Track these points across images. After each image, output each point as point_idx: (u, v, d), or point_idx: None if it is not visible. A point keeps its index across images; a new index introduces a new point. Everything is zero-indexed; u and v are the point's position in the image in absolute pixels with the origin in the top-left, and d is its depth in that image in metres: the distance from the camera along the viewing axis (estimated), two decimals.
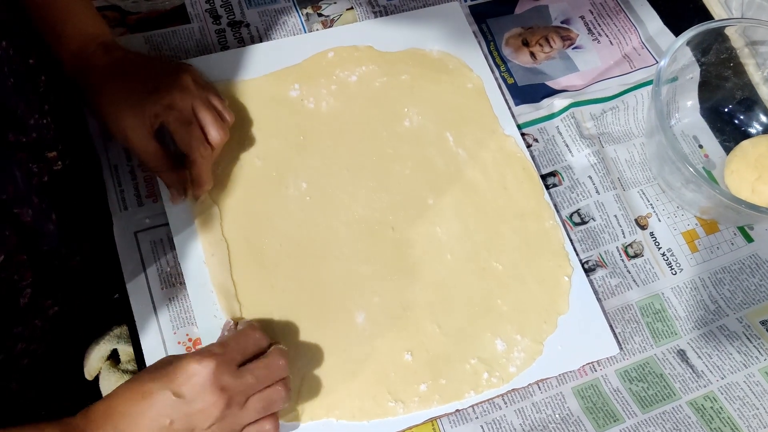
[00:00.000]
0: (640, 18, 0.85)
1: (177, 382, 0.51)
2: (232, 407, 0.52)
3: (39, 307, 0.59)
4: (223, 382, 0.51)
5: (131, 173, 0.68)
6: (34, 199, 0.55)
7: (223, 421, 0.52)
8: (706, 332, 0.69)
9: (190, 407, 0.50)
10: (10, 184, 0.52)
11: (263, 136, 0.71)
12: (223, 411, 0.51)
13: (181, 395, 0.50)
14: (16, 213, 0.53)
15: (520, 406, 0.64)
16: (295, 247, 0.66)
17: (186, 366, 0.51)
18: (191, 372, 0.51)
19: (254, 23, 0.79)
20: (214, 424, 0.51)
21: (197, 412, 0.51)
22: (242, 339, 0.56)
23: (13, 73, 0.53)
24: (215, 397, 0.51)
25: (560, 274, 0.69)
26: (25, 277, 0.55)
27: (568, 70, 0.81)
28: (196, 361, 0.51)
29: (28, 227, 0.55)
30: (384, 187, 0.71)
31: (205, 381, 0.51)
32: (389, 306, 0.65)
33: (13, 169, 0.53)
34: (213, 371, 0.51)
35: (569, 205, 0.73)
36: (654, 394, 0.65)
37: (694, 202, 0.72)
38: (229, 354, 0.53)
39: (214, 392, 0.51)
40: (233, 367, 0.53)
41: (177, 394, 0.50)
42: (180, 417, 0.50)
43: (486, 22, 0.83)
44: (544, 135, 0.77)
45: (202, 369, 0.51)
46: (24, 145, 0.54)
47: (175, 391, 0.50)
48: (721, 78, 0.80)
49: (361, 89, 0.75)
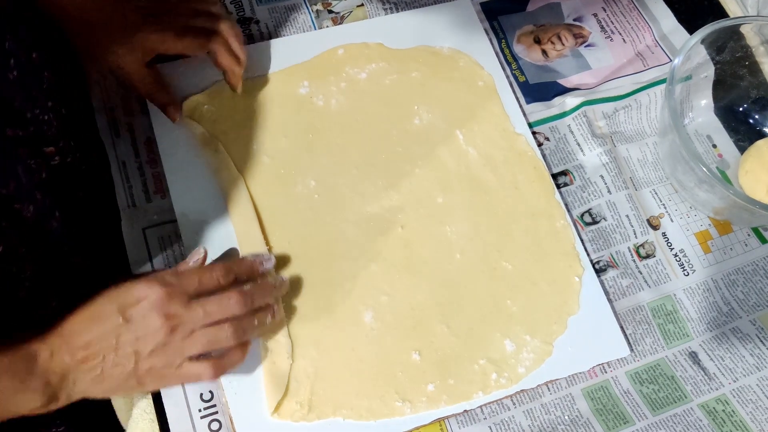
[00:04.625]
0: (653, 15, 0.84)
1: (125, 305, 0.53)
2: (175, 335, 0.53)
3: (39, 301, 0.59)
4: (170, 309, 0.53)
5: (139, 169, 0.68)
6: (38, 195, 0.55)
7: (165, 348, 0.53)
8: (719, 334, 0.68)
9: (135, 331, 0.52)
10: (12, 180, 0.52)
11: (272, 133, 0.71)
12: (165, 337, 0.53)
13: (127, 318, 0.52)
14: (17, 209, 0.54)
15: (529, 407, 0.63)
16: (303, 245, 0.66)
17: (135, 290, 0.53)
18: (139, 296, 0.53)
19: (264, 20, 0.78)
20: (156, 349, 0.53)
21: (141, 336, 0.52)
22: (202, 274, 0.56)
23: (18, 66, 0.53)
24: (159, 323, 0.53)
25: (571, 274, 0.68)
26: (25, 269, 0.55)
27: (580, 68, 0.81)
28: (146, 285, 0.53)
29: (29, 224, 0.55)
30: (393, 185, 0.70)
31: (152, 306, 0.53)
32: (398, 305, 0.65)
33: (15, 164, 0.53)
34: (161, 297, 0.53)
35: (580, 205, 0.73)
36: (665, 397, 0.65)
37: (708, 203, 0.72)
38: (182, 285, 0.55)
39: (159, 318, 0.53)
40: (184, 297, 0.54)
41: (125, 317, 0.52)
42: (125, 339, 0.52)
43: (497, 20, 0.83)
44: (555, 134, 0.76)
45: (151, 294, 0.53)
46: (22, 139, 0.54)
47: (123, 314, 0.52)
48: (736, 77, 0.79)
49: (371, 87, 0.75)
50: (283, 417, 0.59)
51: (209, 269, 0.57)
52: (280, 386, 0.60)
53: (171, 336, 0.53)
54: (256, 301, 0.58)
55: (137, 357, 0.53)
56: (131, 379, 0.54)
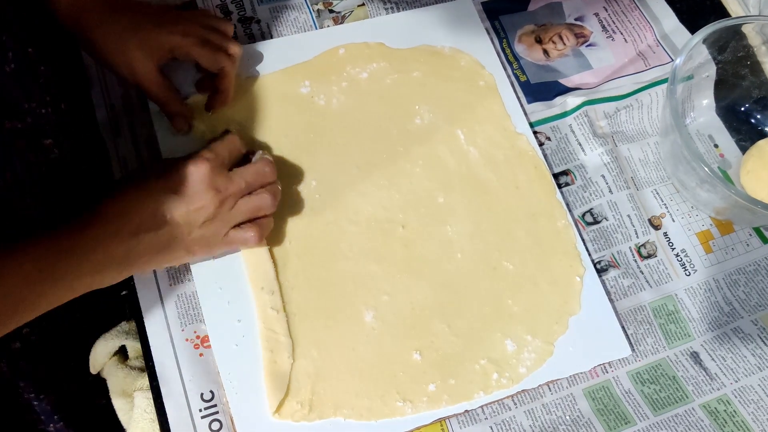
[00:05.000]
0: (655, 15, 0.84)
1: (176, 182, 0.57)
2: (224, 206, 0.58)
3: None
4: (216, 183, 0.58)
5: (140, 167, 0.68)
6: (35, 189, 0.56)
7: (215, 219, 0.58)
8: (720, 334, 0.68)
9: (189, 205, 0.57)
10: (8, 171, 0.52)
11: (273, 133, 0.71)
12: (216, 209, 0.58)
13: (180, 194, 0.57)
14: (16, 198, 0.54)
15: (530, 407, 0.63)
16: (304, 245, 0.66)
17: (183, 169, 0.57)
18: (188, 173, 0.57)
19: (265, 19, 0.78)
20: (207, 220, 0.58)
21: (195, 209, 0.57)
22: (228, 145, 0.61)
23: (14, 60, 0.53)
24: (210, 195, 0.57)
25: (572, 274, 0.68)
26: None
27: (581, 68, 0.80)
28: (192, 164, 0.57)
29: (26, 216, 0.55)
30: (394, 185, 0.70)
31: (201, 181, 0.57)
32: (398, 305, 0.65)
33: (12, 156, 0.53)
34: (208, 173, 0.57)
35: (582, 205, 0.73)
36: (666, 397, 0.65)
37: (709, 203, 0.71)
38: (219, 158, 0.59)
39: (209, 191, 0.57)
40: (224, 170, 0.59)
41: (177, 192, 0.57)
42: (179, 213, 0.57)
43: (499, 19, 0.82)
44: (556, 133, 0.76)
45: (197, 171, 0.57)
46: (20, 131, 0.54)
47: (174, 190, 0.57)
48: (738, 76, 0.79)
49: (372, 86, 0.75)
50: (284, 417, 0.59)
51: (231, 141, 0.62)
52: (281, 386, 0.60)
53: (220, 208, 0.58)
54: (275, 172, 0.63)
55: (190, 228, 0.57)
56: (181, 248, 0.58)
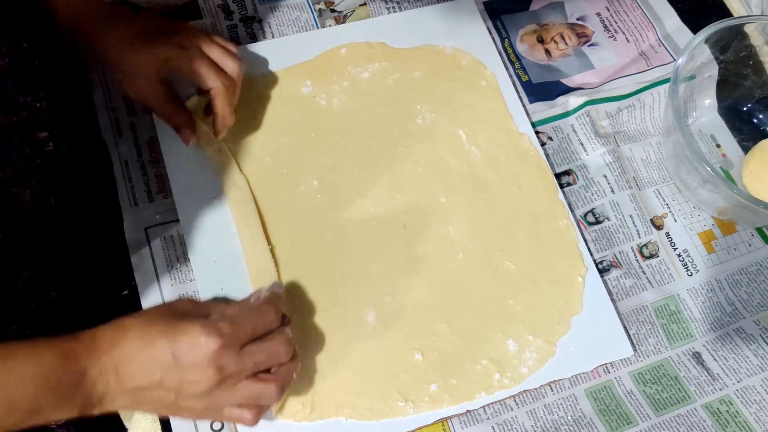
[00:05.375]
0: (657, 15, 0.84)
1: (178, 344, 0.51)
2: (222, 387, 0.52)
3: (36, 291, 0.59)
4: (222, 362, 0.51)
5: (142, 169, 0.68)
6: (33, 181, 0.56)
7: (208, 396, 0.52)
8: (722, 335, 0.68)
9: (184, 374, 0.51)
10: (7, 164, 0.52)
11: (274, 133, 0.71)
12: (212, 387, 0.51)
13: (179, 360, 0.50)
14: (15, 192, 0.54)
15: (532, 407, 0.63)
16: (306, 245, 0.66)
17: (194, 335, 0.51)
18: (197, 342, 0.51)
19: (266, 19, 0.78)
20: (199, 395, 0.52)
21: (189, 380, 0.51)
22: (256, 318, 0.55)
23: (8, 54, 0.53)
24: (210, 374, 0.51)
25: (574, 274, 0.68)
26: (22, 258, 0.55)
27: (583, 68, 0.80)
28: (205, 333, 0.51)
29: (27, 208, 0.55)
30: (396, 185, 0.70)
31: (206, 356, 0.51)
32: (400, 305, 0.65)
33: (9, 149, 0.53)
34: (217, 349, 0.51)
35: (583, 205, 0.73)
36: (668, 397, 0.64)
37: (711, 203, 0.71)
38: (237, 335, 0.53)
39: (211, 368, 0.51)
40: (237, 348, 0.52)
41: (176, 358, 0.50)
42: (171, 378, 0.51)
43: (500, 19, 0.82)
44: (558, 133, 0.76)
45: (207, 343, 0.51)
46: (15, 125, 0.54)
47: (175, 356, 0.50)
48: (740, 76, 0.78)
49: (374, 86, 0.75)
50: (286, 417, 0.59)
51: (263, 315, 0.55)
52: None
53: (217, 387, 0.52)
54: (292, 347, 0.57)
55: (178, 396, 0.52)
56: (168, 409, 0.53)
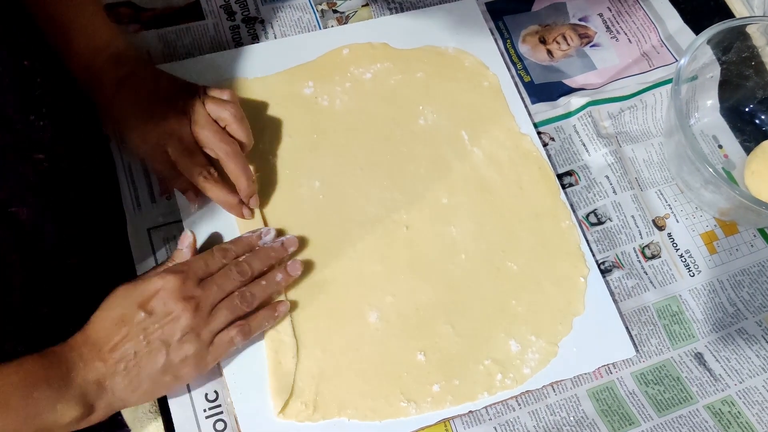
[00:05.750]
0: (659, 16, 0.84)
1: (144, 299, 0.55)
2: (198, 315, 0.55)
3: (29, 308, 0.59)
4: (186, 292, 0.55)
5: (145, 171, 0.68)
6: (30, 198, 0.56)
7: (194, 331, 0.55)
8: (725, 335, 0.68)
9: (160, 320, 0.54)
10: (5, 184, 0.53)
11: (276, 133, 0.71)
12: (190, 320, 0.55)
13: (150, 311, 0.54)
14: (13, 212, 0.54)
15: (534, 407, 0.63)
16: (308, 246, 0.66)
17: (150, 284, 0.55)
18: (155, 287, 0.55)
19: (269, 20, 0.78)
20: (186, 333, 0.55)
21: (167, 323, 0.54)
22: (206, 258, 0.59)
23: (9, 73, 0.53)
24: (181, 306, 0.55)
25: (576, 274, 0.68)
26: (16, 276, 0.55)
27: (585, 68, 0.80)
28: (158, 277, 0.55)
29: (26, 226, 0.55)
30: (398, 185, 0.70)
31: (170, 293, 0.55)
32: (402, 305, 0.65)
33: (7, 169, 0.53)
34: (176, 284, 0.55)
35: (586, 205, 0.73)
36: (670, 398, 0.65)
37: (713, 203, 0.71)
38: (191, 269, 0.57)
39: (179, 301, 0.55)
40: (196, 280, 0.57)
41: (146, 310, 0.54)
42: (153, 332, 0.54)
43: (503, 19, 0.82)
44: (560, 134, 0.76)
45: (165, 283, 0.55)
46: (10, 145, 0.54)
47: (144, 308, 0.54)
48: (742, 77, 0.78)
49: (376, 87, 0.75)
50: (288, 417, 0.59)
51: (209, 253, 0.60)
52: (285, 386, 0.60)
53: (195, 318, 0.55)
54: (255, 266, 0.60)
55: (167, 347, 0.54)
56: (167, 373, 0.55)
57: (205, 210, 0.66)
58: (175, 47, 0.75)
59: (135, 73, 0.64)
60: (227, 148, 0.62)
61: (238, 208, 0.65)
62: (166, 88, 0.64)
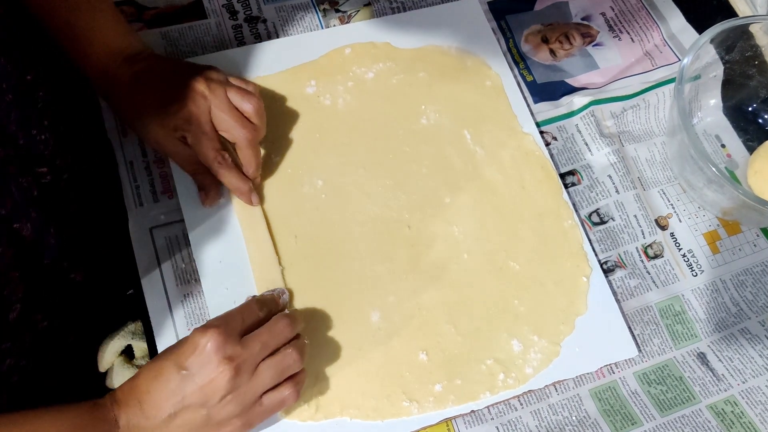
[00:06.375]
0: (662, 15, 0.84)
1: (183, 357, 0.51)
2: (241, 376, 0.52)
3: (28, 322, 0.59)
4: (227, 351, 0.52)
5: (147, 169, 0.68)
6: (32, 212, 0.56)
7: (236, 392, 0.52)
8: (727, 335, 0.68)
9: (199, 380, 0.51)
10: (8, 199, 0.52)
11: (279, 133, 0.71)
12: (231, 381, 0.51)
13: (187, 369, 0.51)
14: (16, 228, 0.54)
15: (536, 407, 0.63)
16: (310, 245, 0.66)
17: (191, 340, 0.52)
18: (195, 345, 0.51)
19: (271, 19, 0.78)
20: (226, 395, 0.52)
21: (206, 384, 0.51)
22: (242, 312, 0.56)
23: (12, 89, 0.53)
24: (221, 368, 0.51)
25: (578, 274, 0.68)
26: (15, 292, 0.55)
27: (588, 68, 0.80)
28: (200, 334, 0.52)
29: (28, 241, 0.55)
30: (400, 185, 0.70)
31: (209, 352, 0.51)
32: (405, 305, 0.65)
33: (9, 183, 0.53)
34: (216, 341, 0.51)
35: (588, 205, 0.72)
36: (673, 398, 0.64)
37: (716, 203, 0.71)
38: (230, 325, 0.53)
39: (220, 363, 0.51)
40: (236, 337, 0.53)
41: (183, 368, 0.51)
42: (191, 392, 0.51)
43: (505, 19, 0.82)
44: (563, 133, 0.76)
45: (205, 341, 0.51)
46: (12, 158, 0.54)
47: (181, 366, 0.51)
48: (745, 76, 0.78)
49: (378, 86, 0.75)
50: (291, 417, 0.59)
51: (246, 306, 0.57)
52: None
53: (237, 378, 0.52)
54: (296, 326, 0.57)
55: (209, 410, 0.52)
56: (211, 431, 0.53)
57: (206, 210, 0.66)
58: (177, 46, 0.75)
59: (152, 66, 0.64)
60: (247, 133, 0.63)
61: (248, 195, 0.65)
62: (186, 72, 0.64)
